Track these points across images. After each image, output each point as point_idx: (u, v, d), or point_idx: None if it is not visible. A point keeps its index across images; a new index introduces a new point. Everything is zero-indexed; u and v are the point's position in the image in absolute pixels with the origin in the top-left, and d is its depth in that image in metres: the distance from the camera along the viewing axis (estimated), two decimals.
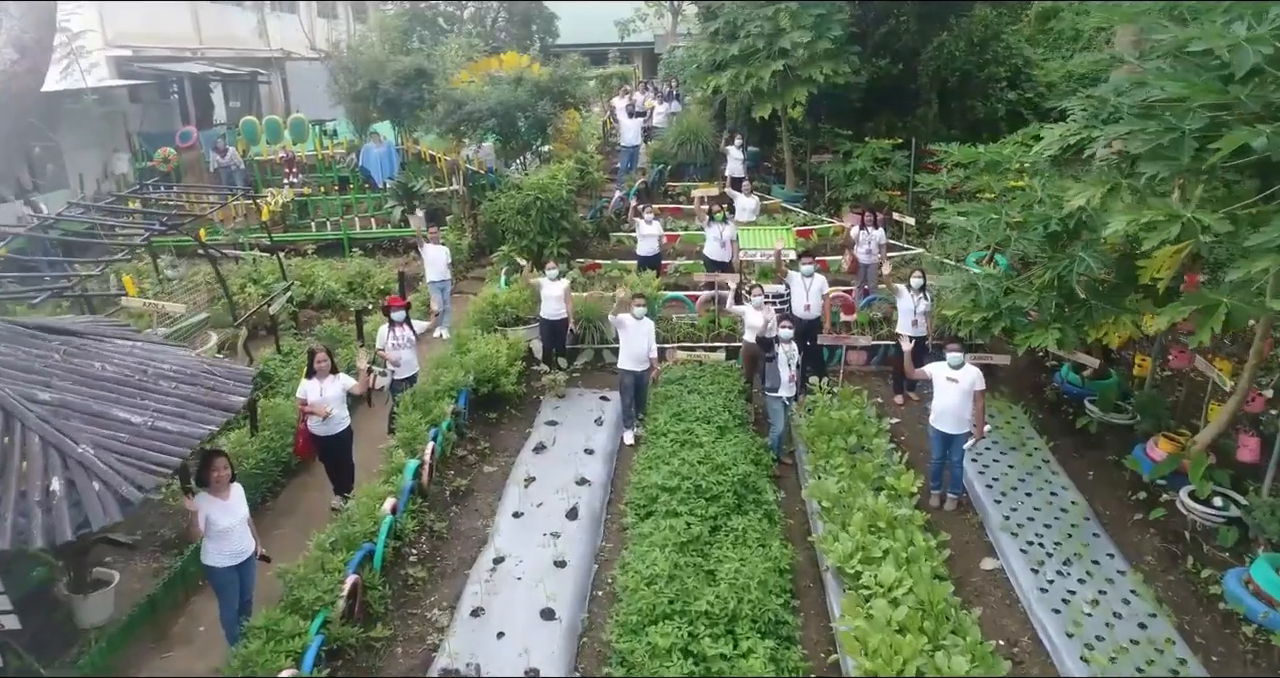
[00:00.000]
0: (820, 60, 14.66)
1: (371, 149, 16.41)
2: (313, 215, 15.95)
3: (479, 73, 16.12)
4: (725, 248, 11.92)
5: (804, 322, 10.03)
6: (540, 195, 12.73)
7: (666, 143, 17.10)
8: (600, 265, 13.72)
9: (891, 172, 15.03)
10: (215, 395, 5.24)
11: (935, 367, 8.12)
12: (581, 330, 10.80)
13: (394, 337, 8.78)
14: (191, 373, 5.39)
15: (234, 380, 5.52)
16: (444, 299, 11.70)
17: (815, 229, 15.12)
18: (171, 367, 5.39)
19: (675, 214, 15.80)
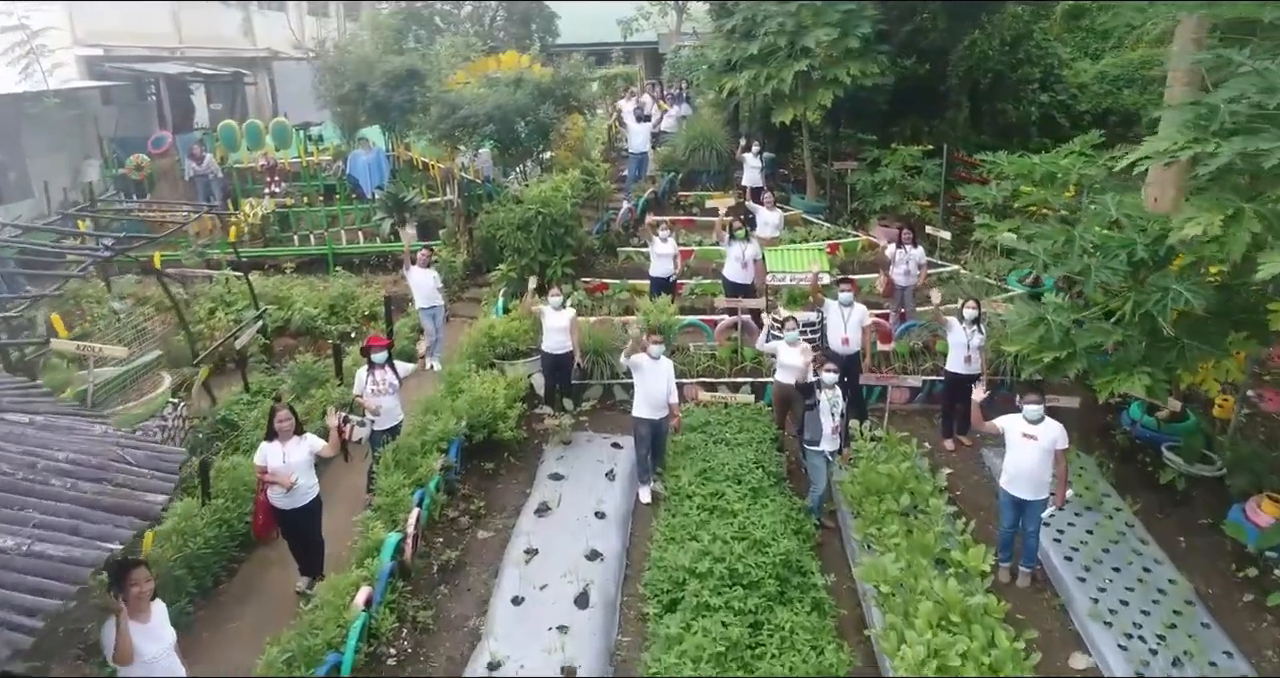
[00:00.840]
0: (846, 60, 13.46)
1: (359, 156, 15.20)
2: (295, 228, 14.73)
3: (476, 74, 14.90)
4: (747, 268, 10.71)
5: (842, 357, 8.83)
6: (542, 210, 11.52)
7: (677, 149, 15.88)
8: (608, 286, 12.51)
9: (924, 181, 13.81)
10: (126, 496, 4.03)
11: (1009, 421, 6.92)
12: (589, 365, 9.59)
13: (374, 381, 7.57)
14: (98, 464, 4.18)
15: (156, 470, 4.31)
16: (435, 327, 10.50)
17: (841, 243, 13.90)
18: (71, 455, 4.17)
19: (688, 226, 14.59)
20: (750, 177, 14.16)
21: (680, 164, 15.82)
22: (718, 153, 15.56)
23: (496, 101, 12.79)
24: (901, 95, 16.14)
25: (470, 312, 12.24)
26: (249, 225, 14.28)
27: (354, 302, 11.89)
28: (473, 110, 12.56)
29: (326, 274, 13.98)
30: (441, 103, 12.89)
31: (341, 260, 14.24)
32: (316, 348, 10.95)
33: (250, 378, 9.33)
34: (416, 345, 10.48)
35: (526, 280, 9.85)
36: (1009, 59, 16.80)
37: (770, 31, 13.39)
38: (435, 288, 10.34)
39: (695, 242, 13.89)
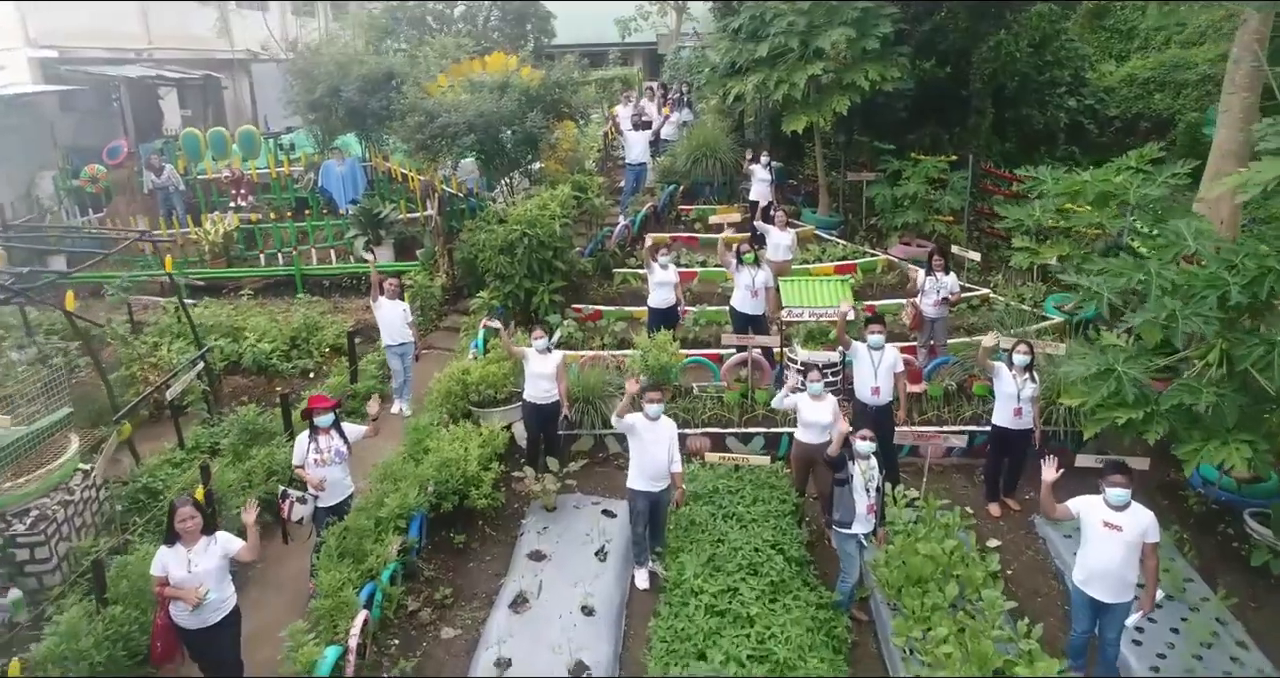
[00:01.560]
0: (864, 63, 12.23)
1: (332, 167, 13.95)
2: (261, 246, 13.48)
3: (460, 77, 13.64)
4: (758, 297, 9.47)
5: (871, 410, 7.61)
6: (528, 231, 10.28)
7: (678, 159, 14.64)
8: (601, 314, 11.27)
9: (950, 196, 12.56)
10: None
11: (1086, 505, 5.69)
12: (578, 414, 8.34)
13: (317, 450, 6.34)
14: None
15: None
16: (404, 366, 9.25)
17: (858, 263, 12.66)
18: None
19: (690, 244, 13.35)
20: (759, 190, 12.91)
21: (681, 175, 14.57)
22: (722, 163, 14.32)
23: (479, 109, 11.54)
24: (920, 101, 14.93)
25: (448, 343, 11.01)
26: (209, 244, 13.03)
27: (318, 333, 10.63)
28: (451, 119, 11.31)
29: (295, 297, 12.75)
30: (417, 110, 11.64)
31: (310, 282, 13.00)
32: (270, 388, 9.71)
33: (187, 432, 8.08)
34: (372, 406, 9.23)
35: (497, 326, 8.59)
36: (1035, 61, 15.57)
37: (780, 32, 12.16)
38: (405, 323, 9.10)
39: (698, 262, 12.65)
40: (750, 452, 8.53)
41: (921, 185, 12.52)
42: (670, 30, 32.81)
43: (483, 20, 39.61)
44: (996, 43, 14.47)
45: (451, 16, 39.49)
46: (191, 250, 13.27)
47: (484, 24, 39.65)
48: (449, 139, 11.33)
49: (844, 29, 11.84)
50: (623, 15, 33.42)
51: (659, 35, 34.34)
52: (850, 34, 11.83)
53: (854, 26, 11.94)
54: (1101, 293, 7.28)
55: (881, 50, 12.19)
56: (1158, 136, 17.00)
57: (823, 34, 11.97)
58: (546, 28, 38.64)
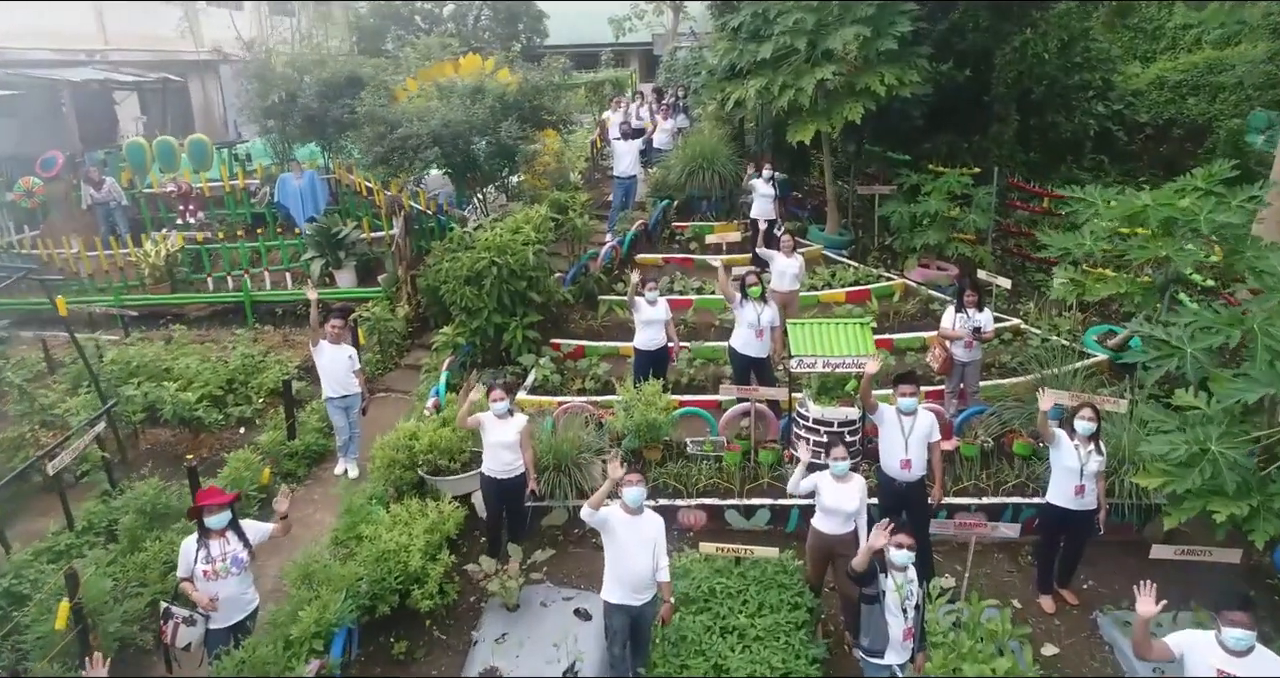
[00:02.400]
0: (880, 65, 10.91)
1: (289, 180, 12.61)
2: (210, 268, 12.14)
3: (432, 80, 12.30)
4: (763, 337, 8.15)
5: (900, 487, 6.29)
6: (498, 259, 8.96)
7: (671, 171, 13.31)
8: (584, 350, 9.94)
9: (975, 215, 11.23)
10: None
11: (1192, 644, 4.37)
12: (548, 486, 7.01)
13: (208, 558, 5.01)
14: None
15: None
16: (349, 422, 7.91)
17: (872, 288, 11.35)
18: None
19: (685, 266, 12.03)
20: (761, 207, 11.57)
21: (675, 189, 13.24)
22: (720, 176, 12.99)
23: (445, 117, 10.21)
24: (936, 106, 13.61)
25: (408, 383, 9.68)
26: (149, 266, 11.70)
27: (258, 375, 9.29)
28: (413, 129, 9.98)
29: (242, 328, 11.44)
30: (376, 119, 10.31)
31: (262, 309, 11.66)
32: (197, 444, 8.38)
33: (79, 508, 6.74)
34: (281, 503, 7.91)
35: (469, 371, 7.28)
36: (1063, 63, 14.26)
37: (785, 30, 10.83)
38: (351, 371, 7.76)
39: (694, 288, 11.33)
40: (754, 525, 7.23)
41: (943, 202, 11.19)
42: (667, 30, 31.50)
43: (473, 20, 38.41)
44: (1022, 43, 13.16)
45: (440, 16, 38.30)
46: (131, 274, 11.96)
47: (474, 24, 38.45)
48: (410, 152, 10.00)
49: (857, 27, 10.53)
50: (617, 14, 32.11)
51: (655, 35, 33.06)
52: (864, 33, 10.51)
53: (868, 24, 10.63)
54: (1185, 350, 5.98)
55: (899, 51, 10.88)
56: (1193, 144, 15.75)
57: (833, 33, 10.66)
58: (539, 28, 37.41)
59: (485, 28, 36.27)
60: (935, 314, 10.72)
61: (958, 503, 7.09)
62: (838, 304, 10.99)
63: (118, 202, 12.91)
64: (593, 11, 35.06)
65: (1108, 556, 6.90)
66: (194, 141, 13.60)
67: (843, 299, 11.17)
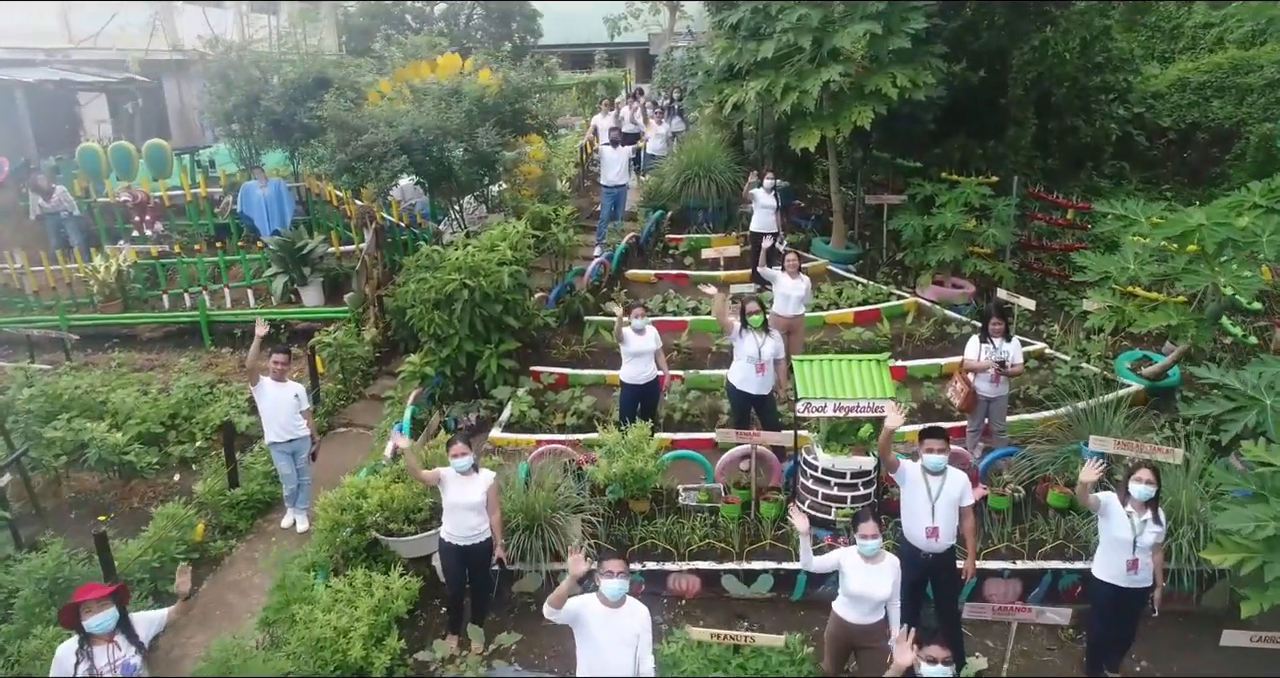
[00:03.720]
0: (892, 65, 10.02)
1: (253, 188, 11.70)
2: (166, 285, 11.22)
3: (409, 81, 11.37)
4: (765, 372, 7.24)
5: (926, 558, 5.38)
6: (469, 281, 8.05)
7: (665, 178, 12.40)
8: (567, 379, 9.03)
9: (995, 228, 10.33)
10: None
11: None
12: (519, 548, 6.10)
13: (91, 669, 4.09)
14: None
15: None
16: (296, 469, 6.98)
17: (882, 307, 10.44)
18: None
19: (679, 283, 11.12)
20: (762, 219, 10.65)
21: (669, 198, 12.34)
22: (717, 184, 12.08)
23: (416, 123, 9.30)
24: (949, 109, 12.71)
25: (371, 417, 8.76)
26: (98, 282, 10.79)
27: (205, 408, 8.37)
28: (379, 136, 9.07)
29: (203, 347, 10.53)
30: (340, 127, 9.39)
31: (220, 330, 10.74)
32: (127, 494, 7.46)
33: None
34: (183, 583, 7.00)
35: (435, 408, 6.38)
36: (1083, 63, 13.37)
37: (788, 27, 9.93)
38: (296, 413, 6.85)
39: (688, 308, 10.41)
40: (755, 592, 6.31)
41: (960, 215, 10.28)
42: (663, 29, 30.64)
43: (465, 19, 37.57)
44: (1042, 42, 12.28)
45: (432, 15, 37.46)
46: (80, 291, 11.04)
47: (466, 23, 37.61)
48: (376, 160, 9.08)
49: (867, 24, 9.62)
50: (612, 14, 31.22)
51: (651, 35, 32.20)
52: (875, 30, 9.61)
53: (879, 20, 9.73)
54: (1263, 402, 5.07)
55: (912, 50, 9.98)
56: (1220, 150, 14.87)
57: (841, 31, 9.76)
58: (533, 27, 36.57)
59: (478, 27, 35.49)
60: (952, 338, 9.83)
61: (988, 568, 6.18)
62: (845, 326, 10.08)
63: (69, 212, 11.99)
64: (588, 11, 34.22)
65: (1163, 630, 6.01)
66: (151, 147, 12.67)
67: (851, 320, 10.26)
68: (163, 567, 6.06)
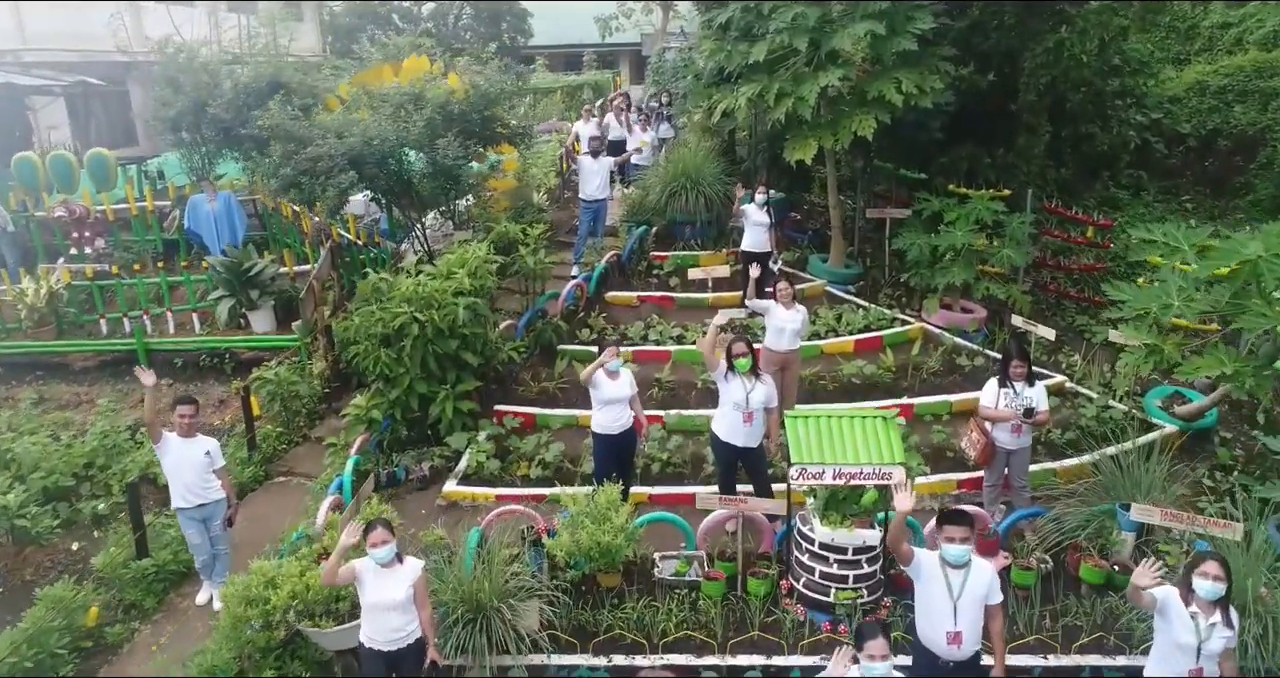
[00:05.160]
0: (897, 69, 9.10)
1: (201, 202, 10.76)
2: (103, 308, 10.26)
3: (372, 84, 10.42)
4: (752, 421, 6.29)
5: (945, 667, 4.44)
6: (420, 314, 7.10)
7: (650, 191, 11.46)
8: (535, 420, 8.09)
9: (1010, 249, 9.39)
10: None
11: None
12: (454, 650, 5.14)
13: None
14: None
15: None
16: (210, 539, 6.03)
17: (884, 335, 9.51)
18: None
19: (664, 306, 10.18)
20: (754, 238, 9.70)
21: (654, 212, 11.39)
22: (706, 197, 11.13)
23: (368, 133, 8.35)
24: (956, 116, 11.79)
25: (313, 464, 7.80)
26: (26, 306, 9.84)
27: (124, 456, 7.43)
28: (325, 148, 8.12)
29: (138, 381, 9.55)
30: (283, 136, 8.45)
31: (160, 359, 9.79)
32: (20, 561, 6.50)
33: None
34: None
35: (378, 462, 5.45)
36: (1100, 66, 12.45)
37: (783, 28, 9.01)
38: (206, 474, 5.91)
39: (672, 336, 9.46)
40: None
41: (970, 233, 9.34)
42: (656, 29, 29.68)
43: (453, 20, 36.56)
44: (1057, 43, 11.34)
45: (420, 15, 36.46)
46: (10, 315, 10.10)
47: (455, 23, 36.61)
48: (321, 176, 8.13)
49: (869, 24, 8.69)
50: (603, 13, 30.27)
51: (643, 35, 31.21)
52: (877, 30, 8.68)
53: (882, 19, 8.80)
54: None
55: (919, 52, 9.05)
56: (1243, 158, 13.95)
57: (840, 31, 8.83)
58: (523, 27, 35.59)
59: (466, 27, 34.56)
60: (963, 371, 8.89)
61: (1015, 664, 5.23)
62: (845, 357, 9.14)
63: (2, 228, 11.03)
64: (580, 11, 33.31)
65: None
66: (94, 157, 11.71)
67: (851, 349, 9.33)
68: (40, 664, 5.11)
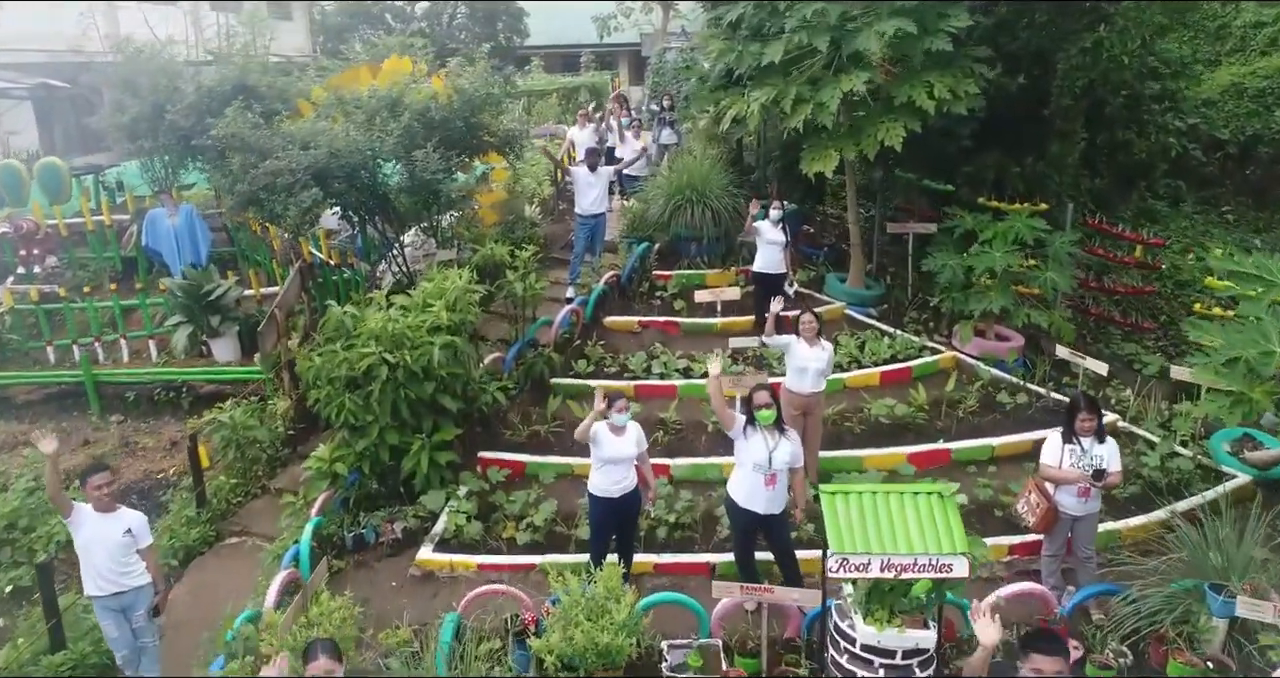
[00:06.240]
0: (927, 71, 8.17)
1: (160, 218, 9.81)
2: (50, 335, 9.31)
3: (347, 88, 9.46)
4: (774, 484, 5.35)
5: None
6: (390, 355, 6.15)
7: (652, 204, 10.51)
8: (524, 468, 7.14)
9: (1054, 272, 8.45)
10: None
11: None
12: None
13: None
14: None
15: None
16: (128, 635, 5.06)
17: (913, 366, 8.57)
18: None
19: (669, 332, 9.23)
20: (768, 258, 8.73)
21: (657, 227, 10.45)
22: (714, 211, 10.18)
23: (334, 144, 7.41)
24: (984, 122, 10.86)
25: (268, 522, 6.84)
26: None
27: (50, 519, 6.47)
28: (285, 162, 7.16)
29: (87, 417, 8.65)
30: (241, 146, 7.50)
31: (110, 393, 8.86)
32: None
33: None
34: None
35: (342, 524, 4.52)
36: (1139, 68, 11.52)
37: (801, 25, 8.07)
38: (127, 556, 4.96)
39: (678, 369, 8.50)
40: None
41: (1010, 255, 8.40)
42: (655, 29, 28.74)
43: (448, 19, 35.60)
44: (1095, 42, 10.41)
45: (413, 15, 35.48)
46: None
47: (449, 23, 35.63)
48: (281, 193, 7.17)
49: (898, 21, 7.76)
50: (601, 13, 29.31)
51: (643, 35, 30.27)
52: (908, 28, 7.75)
53: (912, 16, 7.87)
54: None
55: (953, 53, 8.13)
56: None
57: (865, 29, 7.90)
58: (519, 27, 34.60)
59: (461, 27, 33.61)
60: (1004, 408, 7.95)
61: None
62: (870, 391, 8.21)
63: None
64: (577, 10, 32.38)
65: None
66: (45, 167, 10.76)
67: (877, 382, 8.39)
68: None
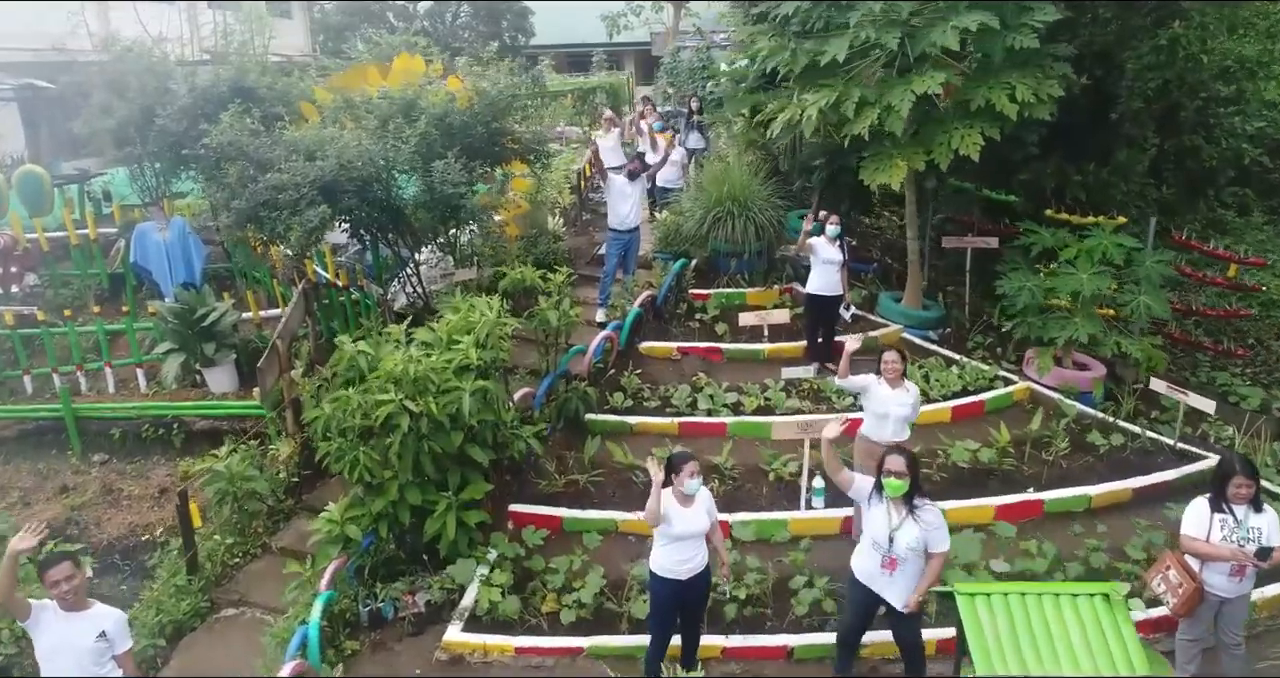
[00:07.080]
0: (1006, 71, 7.30)
1: (149, 232, 8.91)
2: (27, 363, 8.41)
3: (345, 93, 8.56)
4: (895, 569, 4.43)
5: None
6: (413, 404, 5.26)
7: (687, 217, 9.61)
8: (561, 523, 6.24)
9: (1149, 296, 7.56)
10: None
11: None
12: None
13: None
14: None
15: None
16: None
17: (985, 399, 7.69)
18: None
19: (712, 359, 8.34)
20: (824, 279, 7.81)
21: (693, 242, 9.56)
22: (756, 224, 9.30)
23: (343, 155, 6.51)
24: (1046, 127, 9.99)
25: (272, 591, 5.93)
26: None
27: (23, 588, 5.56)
28: (287, 176, 6.27)
29: (66, 457, 7.76)
30: (235, 154, 6.61)
31: (94, 428, 7.96)
32: None
33: None
34: None
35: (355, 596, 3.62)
36: (1215, 67, 10.64)
37: (868, 18, 7.19)
38: (103, 660, 4.07)
39: (726, 403, 7.60)
40: None
41: (1099, 277, 7.51)
42: (666, 28, 27.86)
43: (450, 18, 34.72)
44: (1171, 40, 9.55)
45: (416, 13, 34.62)
46: None
47: (452, 22, 34.75)
48: (284, 210, 6.28)
49: (979, 15, 6.88)
50: (610, 11, 28.41)
51: (653, 34, 29.34)
52: (990, 23, 6.88)
53: (992, 10, 7.00)
54: None
55: (1037, 52, 7.25)
56: None
57: (942, 24, 7.02)
58: (524, 26, 33.73)
59: (465, 26, 32.72)
60: (1096, 450, 7.06)
61: None
62: (942, 428, 7.33)
63: None
64: (582, 8, 31.48)
65: None
66: (25, 176, 9.85)
67: (948, 419, 7.51)
68: None
